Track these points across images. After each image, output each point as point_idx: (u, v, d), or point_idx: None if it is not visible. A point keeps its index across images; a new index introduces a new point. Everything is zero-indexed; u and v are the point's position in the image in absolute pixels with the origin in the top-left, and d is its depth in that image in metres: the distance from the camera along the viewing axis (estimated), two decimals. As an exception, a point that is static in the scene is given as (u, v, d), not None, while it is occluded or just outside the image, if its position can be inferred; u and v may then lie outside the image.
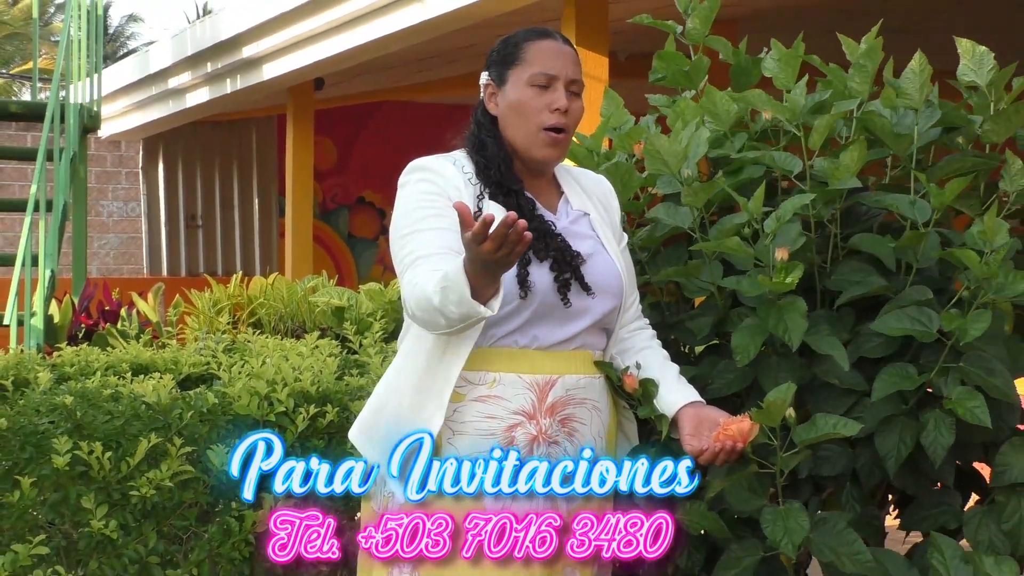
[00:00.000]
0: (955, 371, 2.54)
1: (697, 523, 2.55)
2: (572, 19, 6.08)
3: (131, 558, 3.20)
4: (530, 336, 2.44)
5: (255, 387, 3.35)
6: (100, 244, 11.77)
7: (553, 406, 2.45)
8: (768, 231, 2.58)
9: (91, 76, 7.83)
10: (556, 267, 2.44)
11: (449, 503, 2.40)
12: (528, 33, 2.54)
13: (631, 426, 2.64)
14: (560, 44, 2.53)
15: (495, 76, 2.54)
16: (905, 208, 2.64)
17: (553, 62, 2.49)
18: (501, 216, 2.18)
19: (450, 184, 2.46)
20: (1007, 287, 2.49)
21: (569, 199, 2.59)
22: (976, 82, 2.72)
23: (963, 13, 7.28)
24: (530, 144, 2.50)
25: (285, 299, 5.49)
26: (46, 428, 3.18)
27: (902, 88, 2.70)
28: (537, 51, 2.50)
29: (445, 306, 2.27)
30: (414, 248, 2.42)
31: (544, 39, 2.52)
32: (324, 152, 11.40)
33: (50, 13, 30.76)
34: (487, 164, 2.50)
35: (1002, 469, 2.55)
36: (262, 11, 8.03)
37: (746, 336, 2.60)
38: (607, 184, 2.70)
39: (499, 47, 2.56)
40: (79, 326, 5.84)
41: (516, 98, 2.50)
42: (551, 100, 2.48)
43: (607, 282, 2.50)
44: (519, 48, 2.52)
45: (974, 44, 2.71)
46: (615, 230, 2.62)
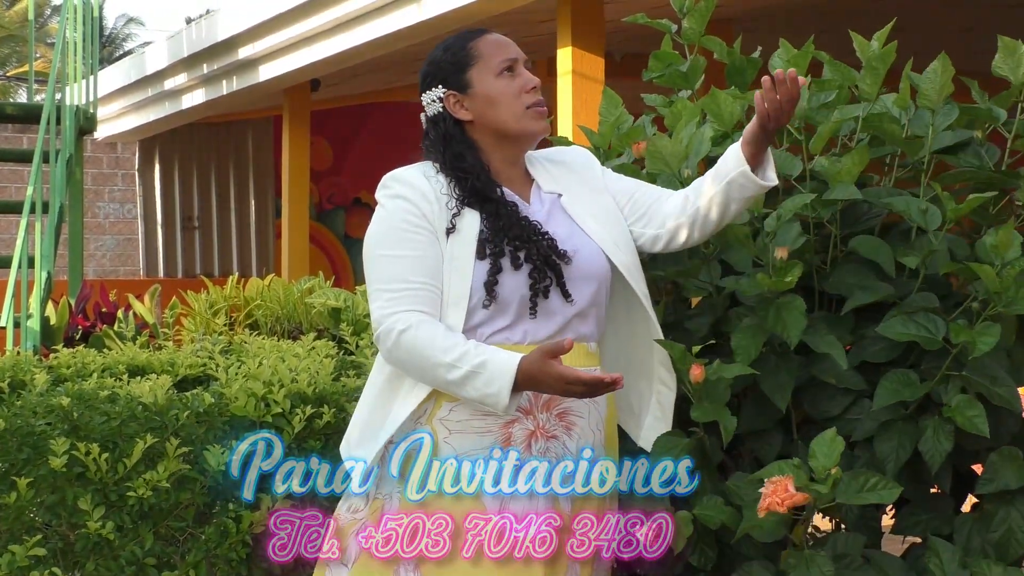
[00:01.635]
0: (957, 379, 2.54)
1: (714, 517, 2.55)
2: (568, 19, 6.08)
3: (128, 559, 3.19)
4: (521, 332, 2.45)
5: (252, 388, 3.35)
6: (96, 246, 11.76)
7: (549, 401, 2.45)
8: (768, 230, 2.59)
9: (87, 78, 7.83)
10: (536, 274, 2.44)
11: (448, 503, 2.40)
12: (463, 37, 2.58)
13: (668, 396, 2.62)
14: (497, 34, 2.58)
15: (454, 84, 2.54)
16: (916, 215, 2.62)
17: (507, 49, 2.55)
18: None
19: (424, 200, 2.47)
20: (1017, 303, 2.49)
21: (540, 184, 2.59)
22: (1009, 78, 2.73)
23: (957, 13, 7.28)
24: (522, 124, 2.53)
25: (282, 300, 5.48)
26: (43, 429, 3.17)
27: (921, 87, 2.70)
28: (487, 44, 2.55)
29: (462, 383, 2.34)
30: (390, 275, 2.44)
31: (483, 34, 2.57)
32: (320, 153, 11.40)
33: (46, 15, 30.73)
34: (466, 175, 2.50)
35: (989, 477, 2.55)
36: (258, 12, 8.02)
37: (747, 336, 2.59)
38: (577, 148, 2.72)
39: (441, 59, 2.57)
40: (75, 328, 5.83)
41: (489, 92, 2.52)
42: (523, 82, 2.53)
43: (587, 270, 2.50)
44: (467, 50, 2.55)
45: (1017, 43, 2.73)
46: (599, 182, 2.62)
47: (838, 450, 2.38)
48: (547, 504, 2.43)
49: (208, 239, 11.83)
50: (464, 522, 2.39)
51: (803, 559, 2.42)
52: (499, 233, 2.45)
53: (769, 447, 2.68)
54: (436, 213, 2.47)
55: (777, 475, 2.39)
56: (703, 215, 2.53)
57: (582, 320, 2.50)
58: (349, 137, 11.78)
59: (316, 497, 2.44)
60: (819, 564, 2.42)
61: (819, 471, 2.38)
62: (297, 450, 3.37)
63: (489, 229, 2.45)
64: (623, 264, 2.54)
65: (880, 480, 2.41)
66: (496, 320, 2.44)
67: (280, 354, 3.78)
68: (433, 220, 2.46)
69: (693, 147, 2.74)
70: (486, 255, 2.43)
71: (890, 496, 2.40)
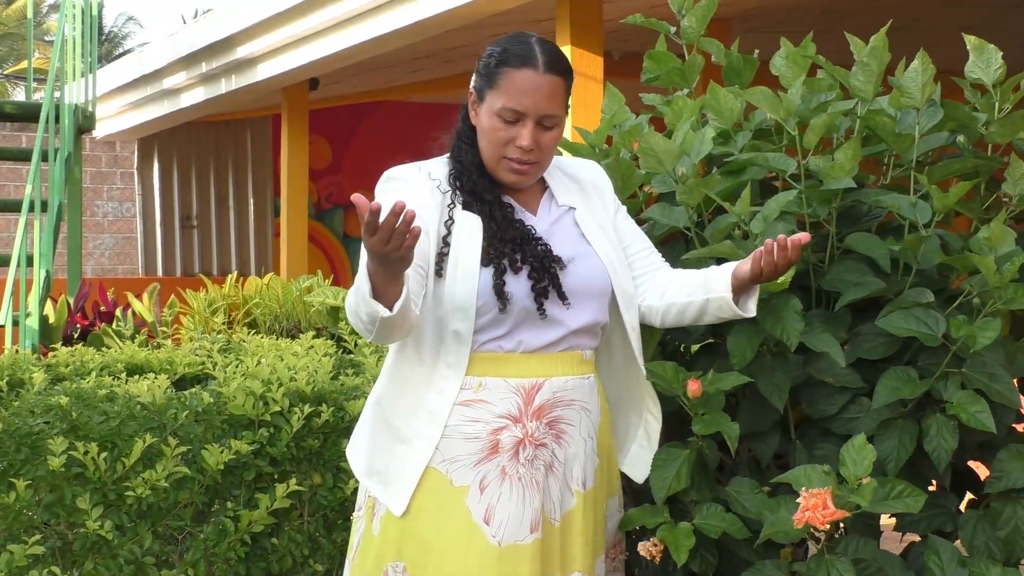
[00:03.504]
0: (956, 375, 2.54)
1: (716, 526, 2.55)
2: (566, 18, 6.07)
3: (126, 558, 3.19)
4: (515, 341, 2.43)
5: (250, 387, 3.35)
6: (95, 244, 11.75)
7: (540, 409, 2.45)
8: (756, 232, 2.59)
9: (86, 76, 7.83)
10: (534, 275, 2.43)
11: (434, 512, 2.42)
12: (511, 55, 2.43)
13: (655, 427, 2.62)
14: (539, 75, 2.41)
15: (477, 88, 2.48)
16: (906, 210, 2.63)
17: (524, 99, 2.41)
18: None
19: (415, 193, 2.43)
20: (1016, 300, 2.49)
21: (555, 194, 2.56)
22: (983, 80, 2.71)
23: (954, 12, 7.29)
24: (494, 168, 2.48)
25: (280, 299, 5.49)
26: (41, 429, 3.18)
27: (904, 87, 2.69)
28: (512, 83, 2.41)
29: (357, 306, 2.25)
30: (362, 260, 2.43)
31: (524, 68, 2.41)
32: (319, 152, 11.40)
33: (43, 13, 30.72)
34: (461, 172, 2.49)
35: (999, 475, 2.55)
36: (257, 11, 8.02)
37: (742, 338, 2.60)
38: (595, 165, 2.68)
39: (486, 59, 2.47)
40: (74, 326, 5.84)
41: (486, 122, 2.45)
42: (516, 136, 2.42)
43: (589, 283, 2.48)
44: (498, 72, 2.43)
45: (983, 42, 2.70)
46: (607, 214, 2.59)
47: (870, 458, 2.35)
48: (534, 515, 2.44)
49: (207, 238, 11.82)
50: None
51: (823, 564, 2.41)
52: (496, 237, 2.44)
53: (767, 447, 2.68)
54: (439, 199, 2.45)
55: (804, 483, 2.37)
56: (675, 313, 2.55)
57: (580, 334, 2.49)
58: (348, 136, 11.78)
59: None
60: (839, 568, 2.40)
61: (851, 480, 2.36)
62: (295, 449, 3.37)
63: (488, 233, 2.44)
64: (621, 290, 2.53)
65: (906, 488, 2.40)
66: (494, 328, 2.42)
67: (279, 353, 3.78)
68: (432, 202, 2.43)
69: (689, 146, 2.74)
70: (490, 260, 2.41)
71: (915, 504, 2.38)
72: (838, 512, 2.31)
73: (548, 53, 2.43)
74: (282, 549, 3.37)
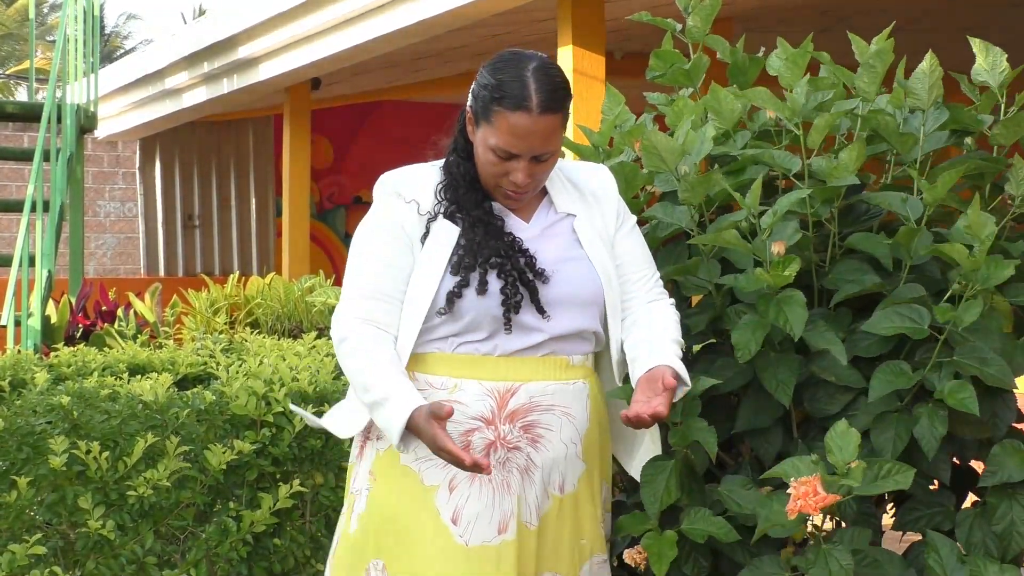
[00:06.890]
0: (949, 365, 2.54)
1: (703, 531, 2.54)
2: (568, 17, 6.07)
3: (128, 558, 3.20)
4: (491, 344, 2.43)
5: (252, 387, 3.35)
6: (97, 244, 11.76)
7: (514, 412, 2.44)
8: (764, 227, 2.59)
9: (88, 76, 7.83)
10: (508, 290, 2.41)
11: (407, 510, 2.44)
12: (505, 95, 2.36)
13: (656, 432, 2.61)
14: (533, 118, 2.34)
15: (472, 111, 2.44)
16: (897, 205, 2.63)
17: (517, 142, 2.36)
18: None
19: (408, 208, 2.46)
20: (992, 276, 2.49)
21: (554, 200, 2.54)
22: (988, 83, 2.71)
23: (956, 13, 7.28)
24: (490, 191, 2.48)
25: (282, 299, 5.49)
26: (43, 428, 3.18)
27: (910, 89, 2.69)
28: (505, 123, 2.35)
29: (371, 408, 2.40)
30: (357, 275, 2.47)
31: (517, 111, 2.35)
32: (321, 152, 11.41)
33: (45, 13, 30.72)
34: (449, 185, 2.48)
35: (993, 470, 2.55)
36: (259, 11, 8.02)
37: (747, 332, 2.59)
38: (603, 173, 2.63)
39: (480, 87, 2.41)
40: (76, 326, 5.85)
41: (480, 151, 2.43)
42: (508, 170, 2.40)
43: (577, 289, 2.47)
44: (491, 109, 2.37)
45: (988, 44, 2.70)
46: (606, 226, 2.57)
47: (854, 442, 2.35)
48: (503, 517, 2.43)
49: (209, 238, 11.83)
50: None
51: (820, 554, 2.41)
52: (475, 249, 2.43)
53: (770, 446, 2.68)
54: (416, 221, 2.46)
55: (792, 475, 2.37)
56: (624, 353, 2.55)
57: (564, 340, 2.47)
58: (350, 136, 11.79)
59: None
60: (837, 557, 2.40)
61: (839, 466, 2.36)
62: (297, 448, 3.37)
63: (467, 243, 2.44)
64: (611, 301, 2.52)
65: (894, 466, 2.40)
66: (470, 333, 2.42)
67: (281, 353, 3.79)
68: (411, 229, 2.45)
69: (691, 145, 2.74)
70: (459, 269, 2.42)
71: (905, 480, 2.37)
72: (830, 497, 2.30)
73: (544, 91, 2.36)
74: (284, 549, 3.37)
